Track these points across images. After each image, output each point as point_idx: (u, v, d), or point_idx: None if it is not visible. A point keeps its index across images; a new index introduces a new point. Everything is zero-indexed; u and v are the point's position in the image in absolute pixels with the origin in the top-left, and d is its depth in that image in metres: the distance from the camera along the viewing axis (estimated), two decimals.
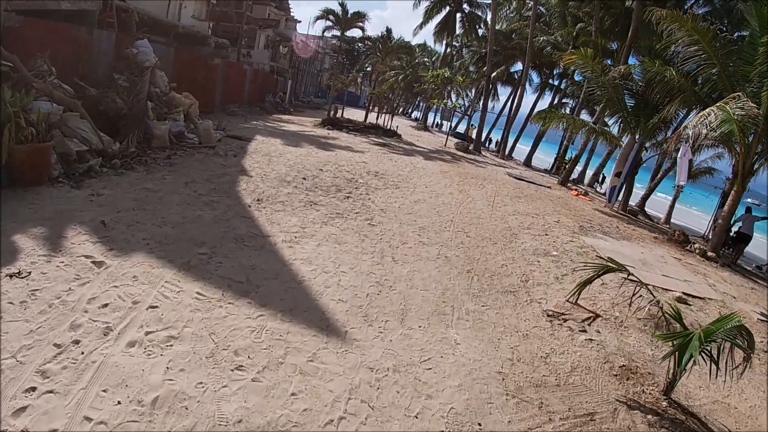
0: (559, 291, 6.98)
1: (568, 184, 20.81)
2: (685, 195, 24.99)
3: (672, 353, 4.36)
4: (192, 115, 13.82)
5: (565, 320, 6.13)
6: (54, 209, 6.31)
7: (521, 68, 41.50)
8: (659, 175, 24.73)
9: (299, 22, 46.81)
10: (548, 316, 6.15)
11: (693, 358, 3.86)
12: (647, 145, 18.08)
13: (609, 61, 22.38)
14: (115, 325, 4.21)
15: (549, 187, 18.79)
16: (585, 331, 5.95)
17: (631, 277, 5.04)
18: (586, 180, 28.27)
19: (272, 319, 4.68)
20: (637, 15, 20.92)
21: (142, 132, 11.91)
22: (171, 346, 4.13)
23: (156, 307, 4.63)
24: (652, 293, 5.57)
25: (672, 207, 25.14)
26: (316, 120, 25.93)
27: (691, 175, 24.64)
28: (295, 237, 7.01)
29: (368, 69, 36.19)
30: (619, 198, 18.29)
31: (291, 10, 48.02)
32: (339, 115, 27.92)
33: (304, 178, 10.71)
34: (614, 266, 4.52)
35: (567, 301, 6.55)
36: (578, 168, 29.37)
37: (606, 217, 14.68)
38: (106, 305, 4.47)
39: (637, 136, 17.69)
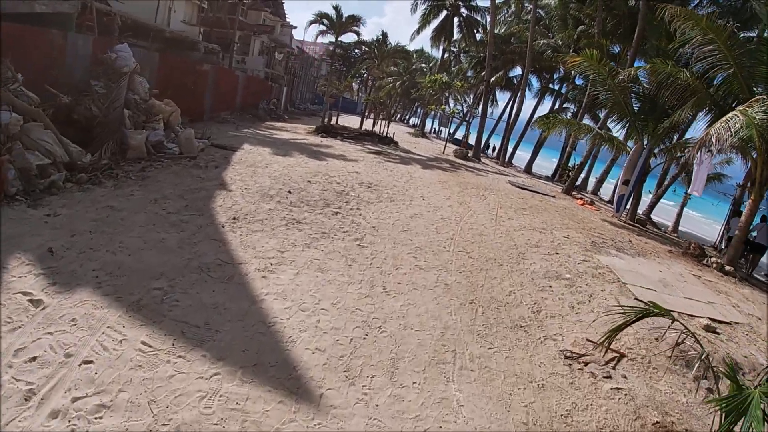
0: (576, 324, 6.06)
1: (573, 193, 19.93)
2: (691, 201, 24.14)
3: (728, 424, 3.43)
4: (173, 123, 12.95)
5: (586, 363, 5.21)
6: (3, 233, 5.43)
7: (520, 73, 40.90)
8: (666, 182, 23.84)
9: (295, 27, 46.10)
10: (566, 357, 5.23)
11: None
12: (656, 150, 17.21)
13: (613, 64, 21.53)
14: (40, 386, 3.44)
15: (553, 197, 17.90)
16: (610, 377, 5.03)
17: (671, 318, 4.12)
18: (590, 187, 27.40)
19: (230, 378, 3.76)
20: (643, 15, 20.15)
21: (118, 142, 11.06)
22: (100, 418, 3.27)
23: (91, 362, 3.78)
24: (683, 325, 4.66)
25: (680, 215, 24.28)
26: (310, 127, 25.08)
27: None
28: (271, 264, 6.10)
29: (364, 74, 35.40)
30: (627, 207, 17.40)
31: (287, 16, 47.29)
32: (334, 122, 27.08)
33: (289, 192, 9.80)
34: (657, 310, 3.61)
35: (587, 340, 5.63)
36: (581, 174, 28.63)
37: (616, 229, 13.76)
38: (34, 359, 3.69)
39: (645, 142, 16.86)
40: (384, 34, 26.52)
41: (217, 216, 7.63)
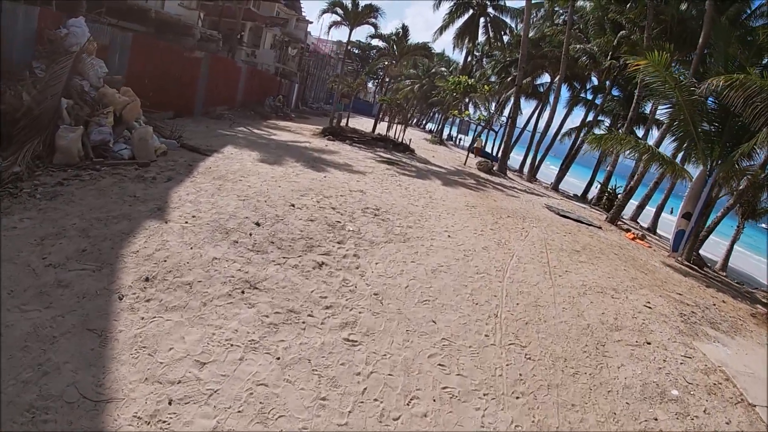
0: None
1: (618, 222, 16.79)
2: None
3: None
4: (128, 118, 10.03)
5: None
6: None
7: (548, 81, 37.85)
8: (718, 214, 20.52)
9: (311, 23, 43.31)
10: None
11: None
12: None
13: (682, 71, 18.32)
14: None
15: (599, 227, 14.79)
16: None
17: None
18: (629, 211, 24.03)
19: None
20: (709, 17, 17.03)
21: (46, 142, 8.25)
22: None
23: None
24: None
25: (730, 251, 20.98)
26: (317, 128, 22.15)
27: (757, 215, 20.53)
28: (171, 400, 3.12)
29: (380, 73, 32.51)
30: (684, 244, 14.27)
31: (303, 9, 44.51)
32: (344, 123, 24.16)
33: (257, 224, 6.82)
34: None
35: None
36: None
37: (683, 279, 10.77)
38: None
39: (709, 168, 13.79)
40: (404, 28, 23.51)
41: (122, 273, 4.67)
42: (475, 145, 45.52)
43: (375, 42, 34.36)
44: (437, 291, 5.96)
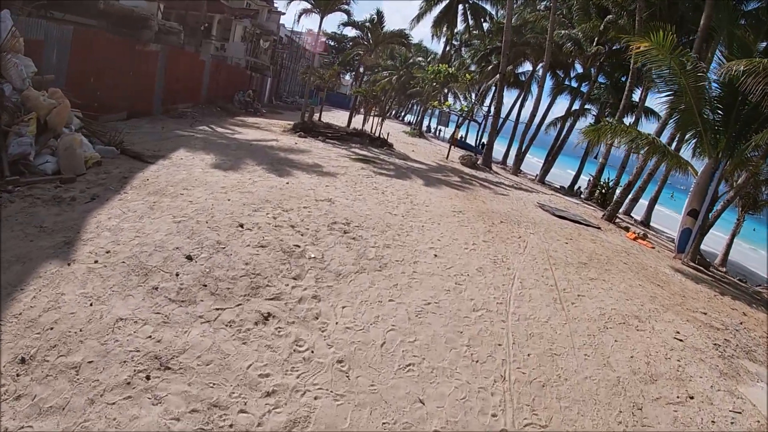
0: None
1: (616, 220, 15.51)
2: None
3: None
4: (55, 124, 8.28)
5: None
6: None
7: (530, 69, 36.56)
8: (718, 207, 19.45)
9: (283, 14, 41.28)
10: None
11: None
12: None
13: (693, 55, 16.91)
14: None
15: (598, 227, 13.48)
16: None
17: None
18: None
19: None
20: None
21: None
22: None
23: None
24: None
25: (730, 245, 19.97)
26: (288, 124, 20.41)
27: (758, 207, 19.51)
28: None
29: (355, 63, 30.82)
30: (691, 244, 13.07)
31: (282, 7, 42.29)
32: (317, 118, 22.49)
33: (188, 257, 5.25)
34: None
35: None
36: (615, 193, 24.22)
37: (698, 288, 9.55)
38: None
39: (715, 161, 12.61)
40: (379, 14, 21.88)
41: None
42: (452, 134, 43.98)
43: (349, 32, 32.49)
44: (424, 346, 4.46)
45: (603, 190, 19.46)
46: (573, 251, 9.46)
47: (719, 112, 13.03)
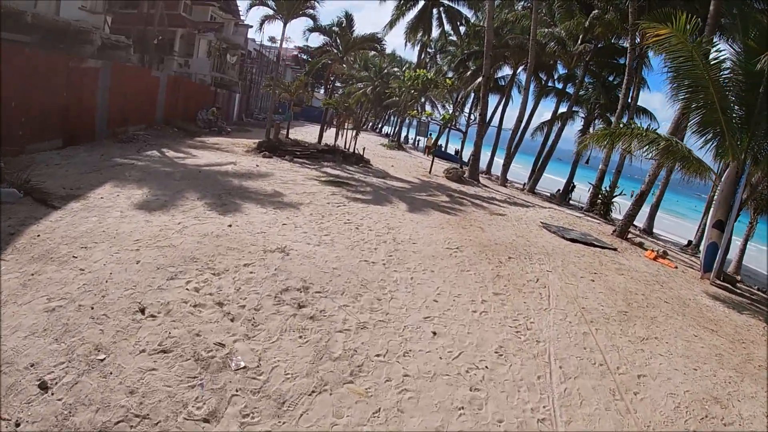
0: None
1: (629, 236, 13.49)
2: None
3: None
4: None
5: None
6: None
7: (509, 73, 34.79)
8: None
9: (251, 27, 38.97)
10: None
11: None
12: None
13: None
14: None
15: (615, 249, 11.44)
16: None
17: None
18: (622, 210, 20.68)
19: None
20: None
21: None
22: None
23: None
24: None
25: (743, 251, 18.18)
26: (254, 143, 18.09)
27: None
28: None
29: (324, 73, 28.69)
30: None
31: (241, 13, 40.03)
32: (285, 134, 20.27)
33: (42, 387, 3.00)
34: None
35: None
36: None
37: (747, 322, 7.58)
38: None
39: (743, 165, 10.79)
40: (348, 17, 19.76)
41: None
42: (426, 144, 42.04)
43: (316, 39, 29.88)
44: None
45: (605, 200, 17.56)
46: (605, 294, 7.34)
47: (742, 108, 11.26)
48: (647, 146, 11.00)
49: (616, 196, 17.93)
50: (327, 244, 6.98)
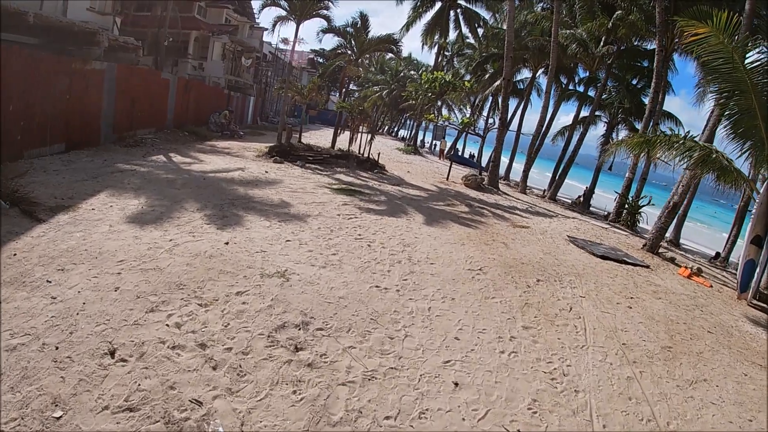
0: None
1: (660, 250, 12.55)
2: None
3: None
4: None
5: None
6: None
7: (528, 76, 33.80)
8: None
9: (266, 29, 38.60)
10: None
11: None
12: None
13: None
14: None
15: (647, 266, 10.55)
16: None
17: None
18: (648, 220, 19.56)
19: None
20: None
21: None
22: None
23: None
24: None
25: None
26: (266, 147, 17.49)
27: None
28: None
29: (339, 75, 28.13)
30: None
31: (256, 15, 39.64)
32: (298, 139, 19.70)
33: None
34: None
35: None
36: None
37: None
38: None
39: None
40: (363, 17, 19.10)
41: None
42: (439, 147, 41.23)
43: (330, 41, 28.97)
44: None
45: (631, 210, 16.58)
46: (645, 324, 6.50)
47: None
48: (683, 155, 10.11)
49: (643, 206, 16.93)
50: (334, 266, 6.26)
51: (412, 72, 46.98)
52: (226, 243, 6.44)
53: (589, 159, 30.77)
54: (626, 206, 16.76)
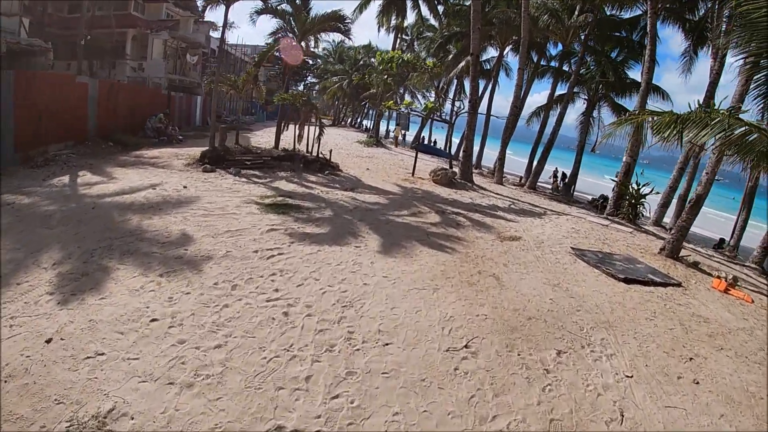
0: None
1: (683, 256, 10.06)
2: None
3: None
4: None
5: None
6: None
7: (495, 55, 31.12)
8: None
9: (212, 23, 34.93)
10: None
11: None
12: None
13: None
14: None
15: (679, 284, 8.00)
16: None
17: None
18: (651, 211, 17.01)
19: None
20: None
21: None
22: None
23: None
24: None
25: None
26: (199, 154, 14.27)
27: None
28: None
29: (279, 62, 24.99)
30: None
31: (199, 8, 35.93)
32: (235, 141, 16.66)
33: None
34: None
35: None
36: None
37: None
38: None
39: None
40: None
41: None
42: (393, 134, 38.52)
43: (269, 23, 25.20)
44: None
45: (633, 201, 14.13)
46: (726, 416, 3.93)
47: None
48: (722, 133, 7.57)
49: (645, 195, 14.48)
50: (209, 384, 3.43)
51: (372, 60, 43.96)
52: (48, 341, 3.57)
53: (565, 140, 28.47)
54: (627, 197, 14.29)
